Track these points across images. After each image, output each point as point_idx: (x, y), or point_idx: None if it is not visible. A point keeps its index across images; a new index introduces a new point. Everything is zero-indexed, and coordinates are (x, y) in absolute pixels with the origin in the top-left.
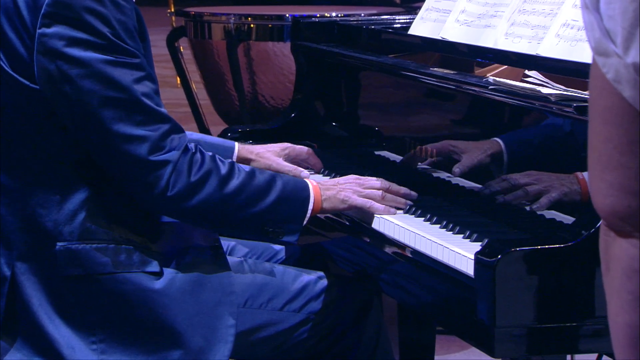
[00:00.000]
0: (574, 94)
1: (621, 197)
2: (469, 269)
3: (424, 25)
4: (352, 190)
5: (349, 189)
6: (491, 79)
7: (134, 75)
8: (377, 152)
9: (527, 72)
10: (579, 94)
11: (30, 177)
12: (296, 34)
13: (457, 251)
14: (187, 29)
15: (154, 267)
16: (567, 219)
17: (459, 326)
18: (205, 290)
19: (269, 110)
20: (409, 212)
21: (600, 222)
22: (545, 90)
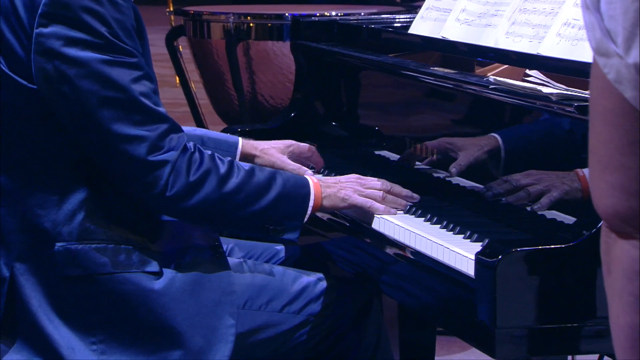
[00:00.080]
0: (575, 93)
1: (622, 199)
2: (469, 269)
3: (424, 24)
4: (353, 189)
5: (349, 187)
6: (492, 78)
7: (131, 74)
8: (377, 152)
9: (528, 71)
10: (580, 94)
11: (28, 177)
12: (296, 33)
13: (458, 251)
14: (186, 28)
15: (154, 267)
16: (568, 219)
17: (459, 327)
18: (205, 290)
19: (268, 109)
20: (409, 212)
21: (601, 222)
22: (546, 89)
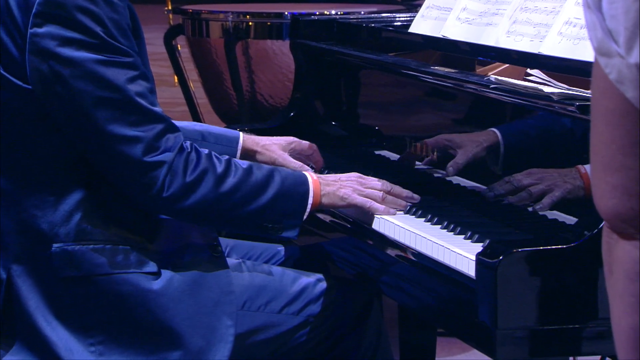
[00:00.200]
0: (577, 92)
1: (624, 199)
2: (470, 270)
3: (424, 23)
4: (353, 188)
5: (349, 186)
6: (493, 77)
7: (127, 74)
8: (377, 151)
9: (529, 70)
10: (581, 93)
11: (25, 178)
12: (295, 32)
13: (458, 252)
14: (184, 27)
15: (152, 267)
16: (570, 220)
17: (460, 328)
18: (203, 289)
19: (267, 109)
20: (409, 212)
21: (603, 222)
22: (547, 89)
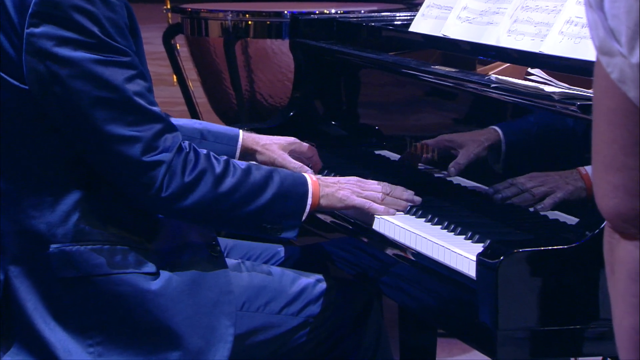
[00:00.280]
0: (578, 92)
1: (625, 199)
2: (470, 270)
3: (425, 22)
4: (352, 190)
5: (348, 188)
6: (493, 77)
7: (125, 74)
8: (377, 151)
9: (530, 70)
10: (582, 93)
11: (22, 179)
12: (295, 31)
13: (459, 252)
14: (183, 26)
15: (150, 267)
16: (571, 220)
17: (460, 329)
18: (202, 289)
19: (267, 108)
20: (409, 212)
21: (604, 222)
22: (548, 88)
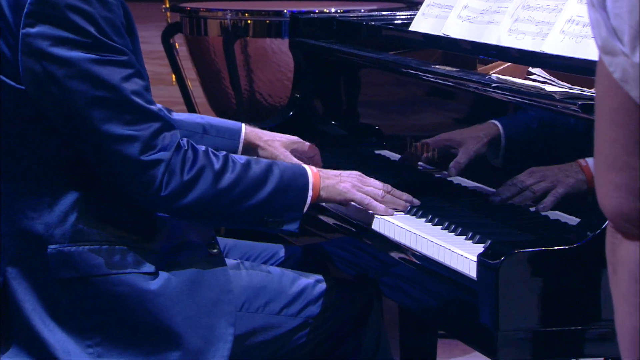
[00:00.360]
0: (579, 91)
1: (628, 199)
2: (471, 271)
3: (425, 21)
4: (352, 184)
5: (349, 181)
6: (494, 76)
7: (122, 73)
8: (378, 151)
9: (531, 69)
10: (584, 92)
11: (19, 179)
12: (294, 30)
13: (459, 253)
14: (182, 25)
15: (149, 267)
16: (572, 220)
17: (461, 330)
18: (202, 289)
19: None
20: (410, 213)
21: (606, 223)
22: (549, 88)
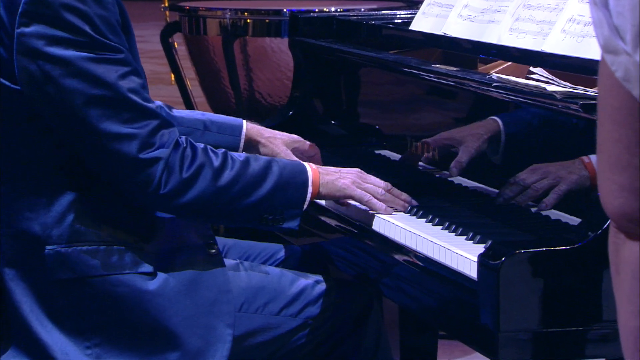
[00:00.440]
0: (580, 91)
1: (631, 199)
2: (472, 271)
3: (425, 20)
4: (352, 180)
5: (348, 178)
6: (495, 76)
7: (118, 71)
8: (378, 151)
9: (531, 68)
10: (585, 92)
11: (16, 180)
12: (294, 29)
13: (460, 253)
14: (181, 24)
15: (147, 267)
16: (573, 220)
17: (461, 330)
18: (200, 289)
19: (266, 108)
20: (410, 213)
21: (607, 223)
22: (550, 87)
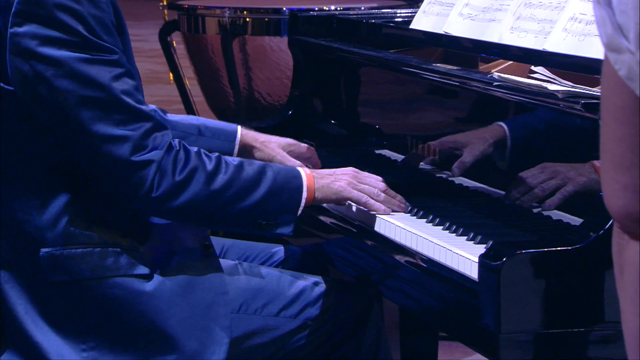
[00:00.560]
0: (582, 90)
1: (634, 199)
2: (472, 272)
3: (426, 19)
4: (348, 182)
5: (344, 180)
6: (496, 75)
7: (112, 72)
8: (378, 151)
9: (533, 68)
10: (587, 91)
11: (10, 182)
12: (294, 28)
13: (461, 254)
14: (180, 22)
15: (143, 269)
16: (575, 221)
17: (462, 332)
18: (197, 291)
19: (265, 107)
20: (410, 213)
21: (609, 223)
22: (552, 86)
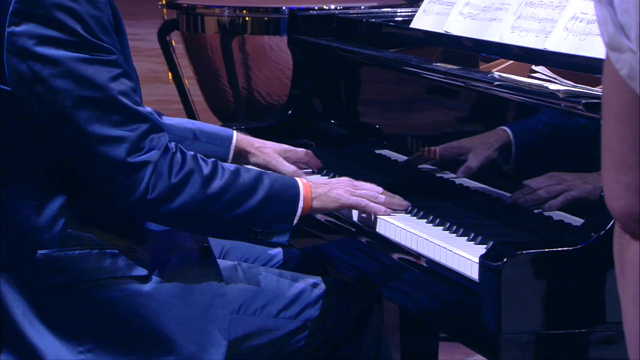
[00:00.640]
0: (583, 90)
1: (636, 199)
2: (473, 272)
3: (426, 18)
4: (345, 189)
5: (341, 187)
6: (497, 74)
7: (109, 72)
8: (378, 150)
9: (534, 67)
10: (588, 91)
11: (7, 183)
12: (293, 27)
13: (461, 254)
14: (179, 22)
15: (141, 271)
16: (576, 221)
17: (462, 332)
18: (195, 293)
19: (264, 107)
20: (410, 213)
21: (610, 223)
22: (553, 86)
